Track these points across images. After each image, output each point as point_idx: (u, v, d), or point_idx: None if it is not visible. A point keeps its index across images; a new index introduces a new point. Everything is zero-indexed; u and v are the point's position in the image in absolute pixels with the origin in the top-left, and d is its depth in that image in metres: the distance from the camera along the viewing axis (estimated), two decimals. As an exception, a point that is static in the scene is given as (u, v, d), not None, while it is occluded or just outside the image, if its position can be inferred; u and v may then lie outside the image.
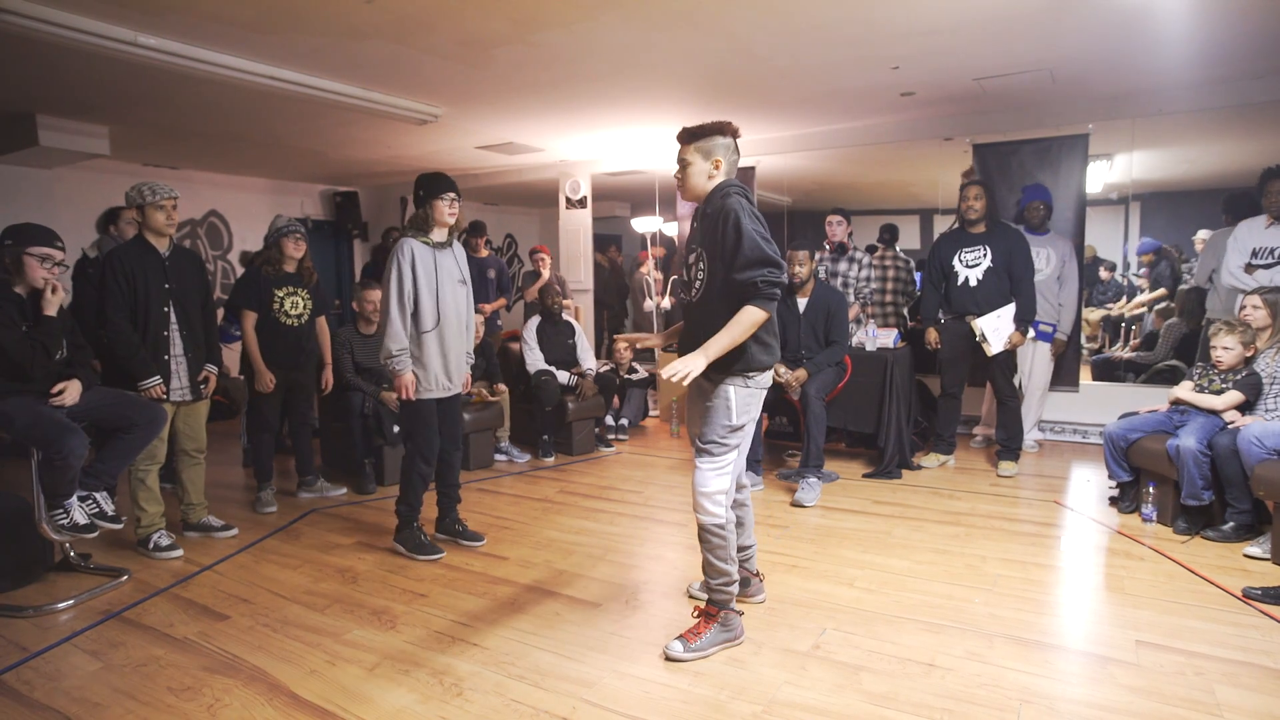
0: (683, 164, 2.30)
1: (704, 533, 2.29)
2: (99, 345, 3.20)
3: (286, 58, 3.84)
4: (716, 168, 2.26)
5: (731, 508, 2.32)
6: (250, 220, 7.45)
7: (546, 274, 5.92)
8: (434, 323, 3.05)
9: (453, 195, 3.07)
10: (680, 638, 2.28)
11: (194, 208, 7.12)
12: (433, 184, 3.06)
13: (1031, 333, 4.54)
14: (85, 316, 3.61)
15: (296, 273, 3.92)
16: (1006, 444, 4.39)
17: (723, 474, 2.26)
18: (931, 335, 4.50)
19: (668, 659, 2.24)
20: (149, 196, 3.17)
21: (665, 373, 2.12)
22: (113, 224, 4.14)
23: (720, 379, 2.23)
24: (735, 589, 2.35)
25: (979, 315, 4.28)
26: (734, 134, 2.30)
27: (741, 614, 2.38)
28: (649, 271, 7.18)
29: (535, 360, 5.06)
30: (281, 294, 3.84)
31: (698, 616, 2.34)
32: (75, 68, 3.81)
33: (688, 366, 2.10)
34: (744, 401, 2.24)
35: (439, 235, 3.10)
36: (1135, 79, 4.37)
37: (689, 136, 2.29)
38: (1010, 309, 4.24)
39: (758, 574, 2.68)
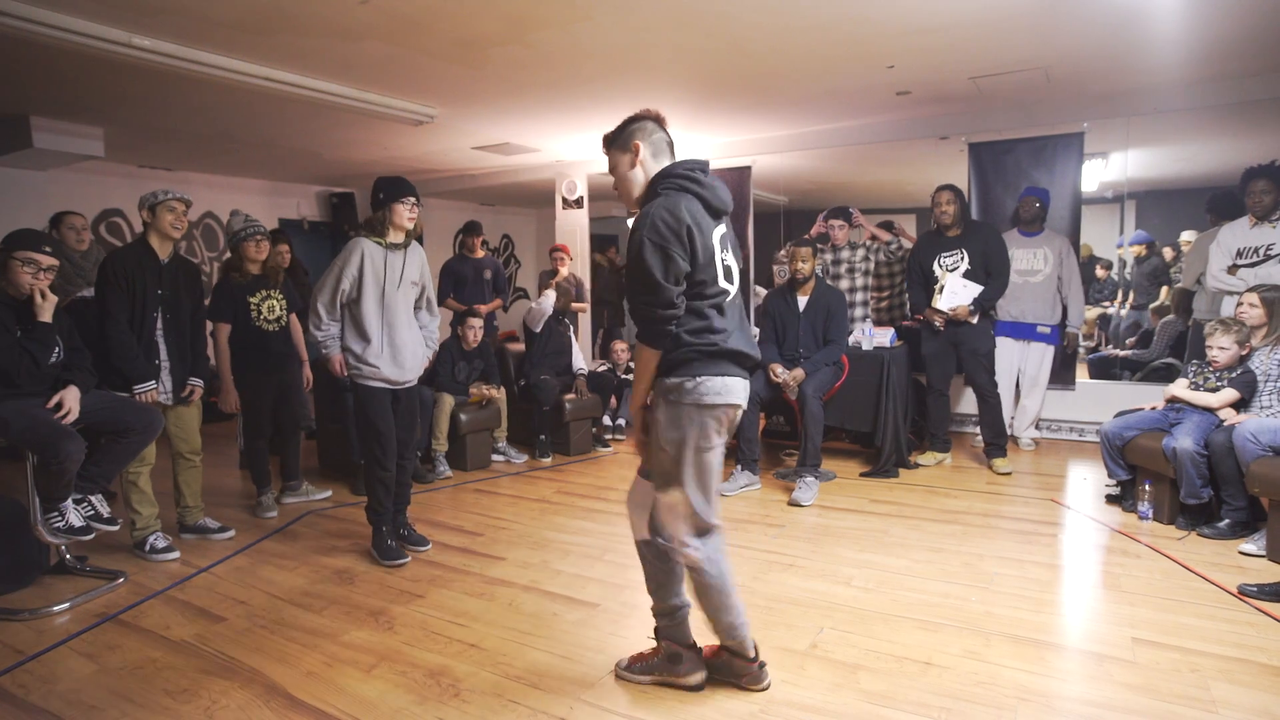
0: (611, 170, 2.07)
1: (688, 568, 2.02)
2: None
3: (281, 59, 3.83)
4: (636, 152, 1.97)
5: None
6: (246, 222, 7.44)
7: (564, 271, 5.92)
8: (381, 322, 3.07)
9: (413, 200, 3.09)
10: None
11: (189, 209, 7.09)
12: (394, 187, 3.06)
13: (1045, 329, 4.68)
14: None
15: (263, 274, 3.83)
16: (994, 441, 4.43)
17: (676, 516, 1.96)
18: (931, 312, 4.41)
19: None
20: (161, 195, 3.22)
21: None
22: (55, 229, 4.06)
23: (664, 386, 1.94)
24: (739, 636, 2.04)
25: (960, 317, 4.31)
26: (651, 117, 2.01)
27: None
28: None
29: (547, 300, 5.17)
30: (256, 300, 3.76)
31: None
32: (69, 69, 3.80)
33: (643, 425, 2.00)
34: (671, 420, 1.92)
35: (394, 237, 3.10)
36: (1130, 77, 4.38)
37: (607, 143, 2.06)
38: (978, 289, 4.27)
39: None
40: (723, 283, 1.94)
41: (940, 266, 4.40)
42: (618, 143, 2.03)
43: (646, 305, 1.85)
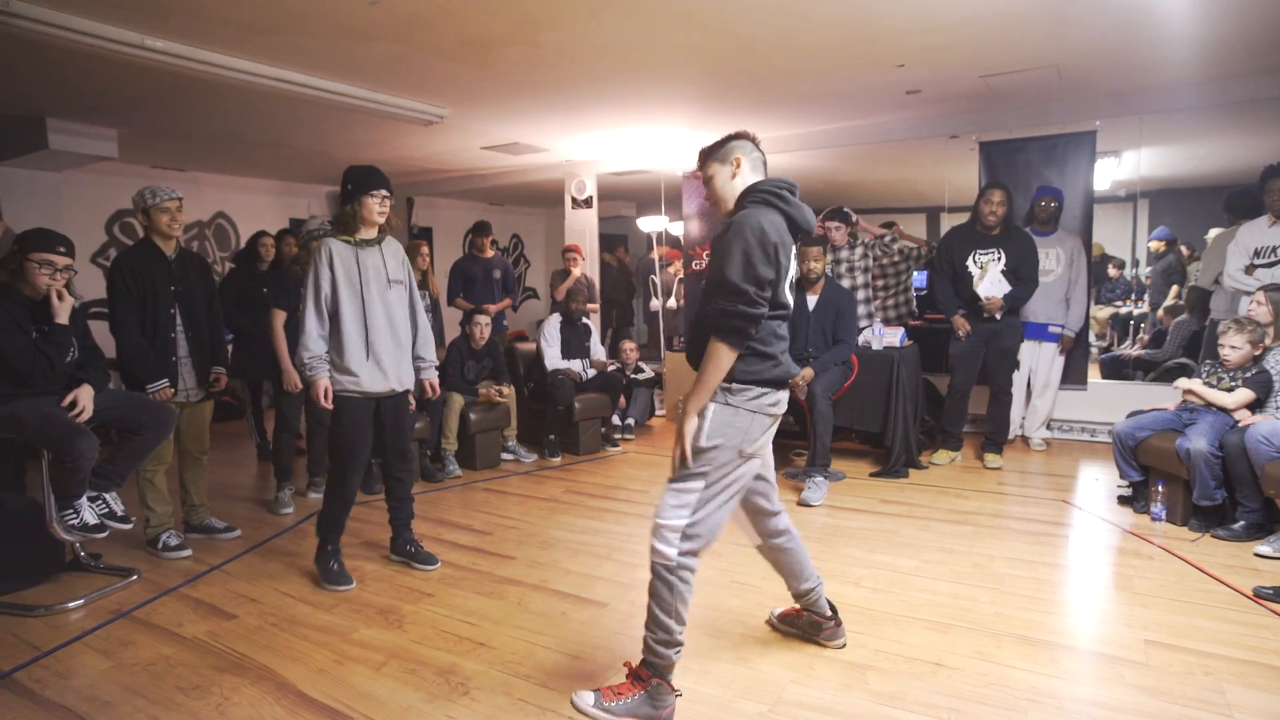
0: (707, 180, 2.13)
1: (651, 571, 1.95)
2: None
3: (292, 59, 3.85)
4: (738, 165, 2.05)
5: (772, 538, 2.21)
6: (257, 222, 7.48)
7: (577, 272, 5.93)
8: (357, 325, 2.84)
9: (384, 192, 2.88)
10: (598, 690, 2.00)
11: (201, 209, 7.16)
12: (363, 179, 2.86)
13: (1057, 329, 4.74)
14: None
15: None
16: (994, 436, 4.49)
17: (680, 509, 1.92)
18: (960, 321, 4.42)
19: (571, 704, 2.00)
20: (150, 199, 3.18)
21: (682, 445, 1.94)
22: None
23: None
24: (673, 655, 1.94)
25: (987, 316, 4.32)
26: (751, 139, 2.12)
27: (678, 694, 1.97)
28: (677, 272, 7.14)
29: (554, 357, 5.09)
30: None
31: (628, 674, 2.00)
32: (84, 71, 3.84)
33: (688, 428, 1.92)
34: (721, 423, 1.92)
35: (366, 233, 2.92)
36: (1143, 75, 4.34)
37: (706, 155, 2.13)
38: (1008, 287, 4.31)
39: (830, 616, 2.32)
40: (789, 298, 2.03)
41: (974, 263, 4.38)
42: (717, 155, 2.09)
43: (731, 303, 1.86)
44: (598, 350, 5.45)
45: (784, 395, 2.04)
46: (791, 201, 1.99)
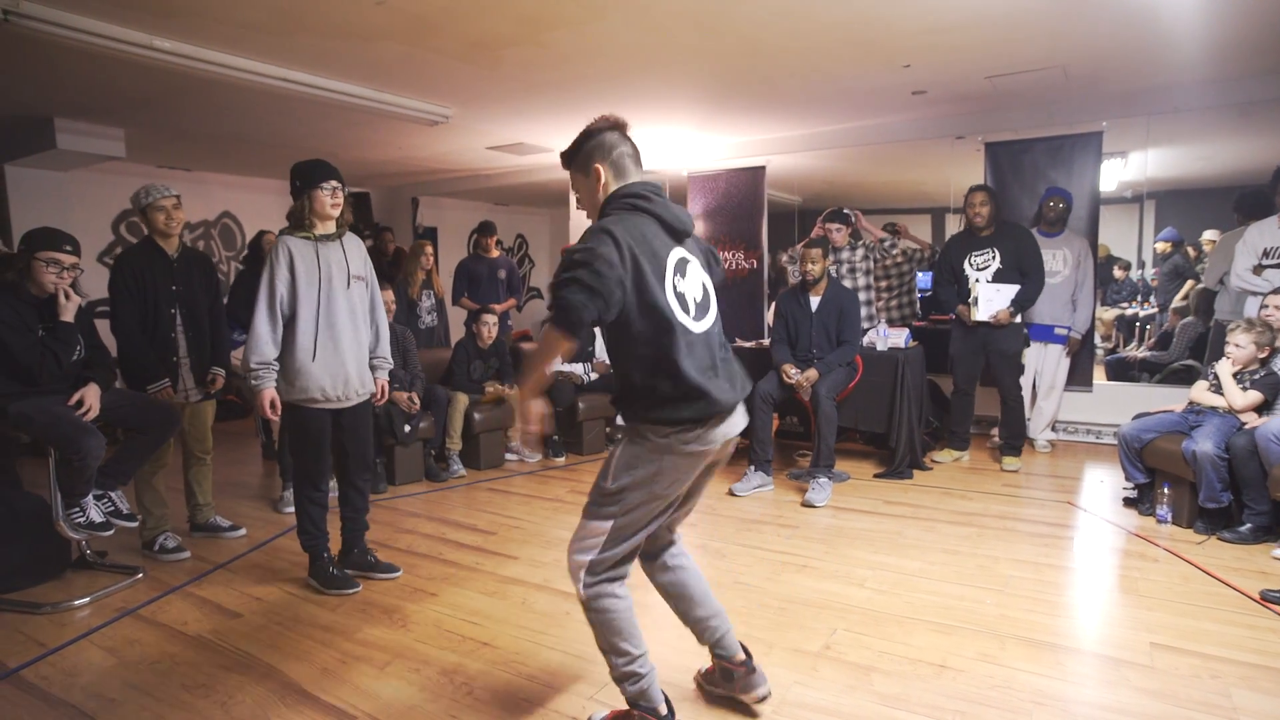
0: (573, 189, 1.89)
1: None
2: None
3: (298, 60, 3.86)
4: (598, 177, 1.79)
5: (660, 575, 1.98)
6: (263, 221, 7.49)
7: None
8: (316, 326, 2.71)
9: (335, 184, 2.75)
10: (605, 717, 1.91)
11: (207, 209, 7.19)
12: (310, 172, 2.73)
13: (1063, 331, 4.67)
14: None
15: None
16: (1010, 440, 4.47)
17: (587, 544, 1.76)
18: (964, 310, 4.41)
19: None
20: (145, 199, 3.17)
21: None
22: None
23: (625, 424, 1.78)
24: (629, 687, 1.81)
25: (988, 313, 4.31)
26: (611, 126, 1.81)
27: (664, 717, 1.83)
28: None
29: (554, 362, 5.11)
30: None
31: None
32: (91, 71, 3.86)
33: (531, 411, 1.77)
34: (624, 464, 1.72)
35: (324, 228, 2.79)
36: (1150, 75, 4.33)
37: (566, 160, 1.86)
38: (1013, 289, 4.28)
39: (741, 662, 1.98)
40: (679, 315, 1.69)
41: (970, 265, 4.38)
42: (576, 163, 1.84)
43: (567, 271, 1.61)
44: (604, 351, 5.46)
45: (714, 431, 1.72)
46: (657, 202, 1.76)
